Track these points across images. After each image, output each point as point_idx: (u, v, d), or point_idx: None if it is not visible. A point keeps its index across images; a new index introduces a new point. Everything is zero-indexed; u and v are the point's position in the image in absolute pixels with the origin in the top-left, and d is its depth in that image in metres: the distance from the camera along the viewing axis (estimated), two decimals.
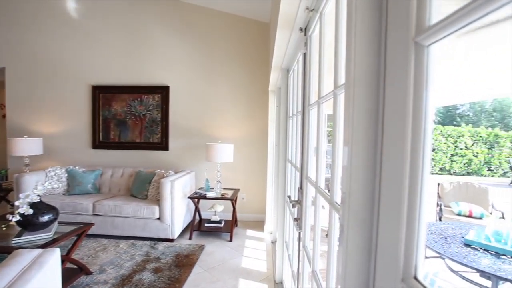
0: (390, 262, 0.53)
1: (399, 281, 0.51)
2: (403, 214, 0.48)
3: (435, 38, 0.44)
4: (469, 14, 0.37)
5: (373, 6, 0.57)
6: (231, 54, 4.21)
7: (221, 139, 4.19)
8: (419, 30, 0.46)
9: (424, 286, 0.47)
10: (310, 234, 1.49)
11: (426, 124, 0.45)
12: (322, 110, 1.11)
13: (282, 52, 1.92)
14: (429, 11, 0.46)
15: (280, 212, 2.44)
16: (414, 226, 0.48)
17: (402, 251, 0.50)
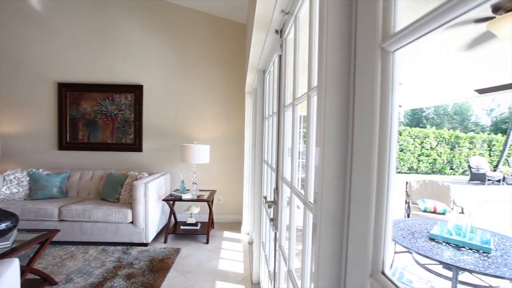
0: (359, 259, 0.55)
1: (368, 277, 0.53)
2: (372, 212, 0.51)
3: (399, 44, 0.46)
4: (429, 23, 0.39)
5: (344, 13, 0.59)
6: (207, 54, 4.17)
7: (197, 140, 4.13)
8: (385, 37, 0.48)
9: (390, 280, 0.49)
10: (286, 234, 1.51)
11: (392, 126, 0.47)
12: (297, 112, 1.13)
13: (258, 53, 1.93)
14: (394, 19, 0.48)
15: (256, 212, 2.45)
16: (381, 223, 0.50)
17: (371, 247, 0.52)
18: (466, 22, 1.93)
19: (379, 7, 0.49)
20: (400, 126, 15.96)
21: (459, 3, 0.33)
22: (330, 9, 0.60)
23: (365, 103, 0.52)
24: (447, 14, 0.36)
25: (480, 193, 8.63)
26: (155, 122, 4.16)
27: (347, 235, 0.59)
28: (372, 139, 0.49)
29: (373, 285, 0.52)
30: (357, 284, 0.57)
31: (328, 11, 0.60)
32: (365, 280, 0.54)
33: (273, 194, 1.59)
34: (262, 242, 2.44)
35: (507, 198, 8.14)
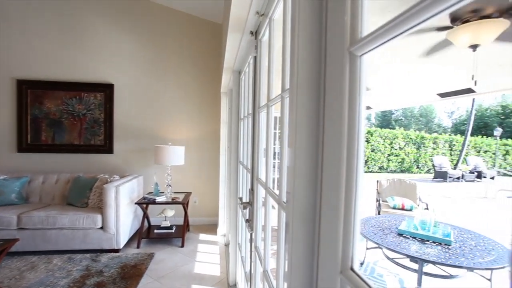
0: (330, 257, 0.57)
1: (338, 273, 0.54)
2: (341, 211, 0.52)
3: (366, 49, 0.48)
4: (391, 29, 0.41)
5: (314, 17, 0.61)
6: (182, 54, 4.08)
7: (172, 141, 4.03)
8: (352, 41, 0.50)
9: (358, 275, 0.51)
10: (261, 235, 1.52)
11: (359, 127, 0.49)
12: (271, 113, 1.14)
13: (234, 54, 1.92)
14: (361, 25, 0.50)
15: (232, 214, 2.43)
16: (350, 222, 0.52)
17: (340, 245, 0.54)
18: (428, 30, 2.06)
19: (347, 13, 0.51)
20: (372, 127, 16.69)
21: (417, 12, 0.35)
22: (301, 13, 0.61)
23: (334, 105, 0.53)
24: (407, 23, 0.38)
25: (442, 190, 9.26)
26: (127, 122, 4.00)
27: (318, 234, 0.61)
28: (341, 140, 0.50)
29: (343, 281, 0.53)
30: (328, 281, 0.58)
31: (299, 15, 0.61)
32: (335, 277, 0.55)
33: (248, 195, 1.59)
34: (238, 244, 2.43)
35: (465, 194, 8.81)
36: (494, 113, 20.93)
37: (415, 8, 0.36)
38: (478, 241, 2.61)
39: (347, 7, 0.51)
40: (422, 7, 0.35)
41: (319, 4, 0.60)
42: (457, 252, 2.36)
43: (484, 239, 2.65)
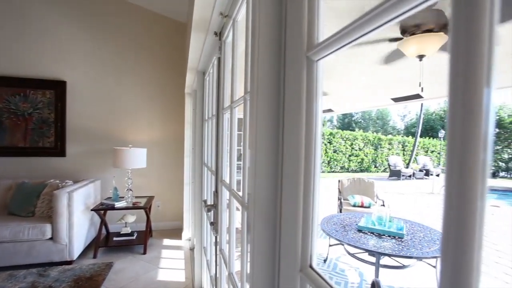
0: (290, 255, 0.58)
1: (298, 272, 0.56)
2: (300, 211, 0.53)
3: (322, 54, 0.50)
4: (344, 37, 0.43)
5: (274, 21, 0.62)
6: (145, 52, 3.90)
7: (132, 143, 3.82)
8: (309, 46, 0.52)
9: (317, 273, 0.53)
10: (226, 237, 1.50)
11: (316, 129, 0.51)
12: (235, 114, 1.13)
13: (198, 54, 1.89)
14: (317, 31, 0.52)
15: (197, 217, 2.38)
16: (308, 220, 0.53)
17: (300, 244, 0.55)
18: (382, 40, 2.23)
19: (305, 18, 0.53)
20: (334, 129, 17.50)
21: (366, 22, 0.38)
22: (261, 17, 0.62)
23: (293, 108, 0.55)
24: (358, 31, 0.40)
25: (396, 187, 10.02)
26: (82, 123, 3.71)
27: (279, 234, 0.62)
28: (300, 142, 0.52)
29: (302, 279, 0.55)
30: (289, 280, 0.59)
31: (259, 19, 0.62)
32: (295, 276, 0.57)
33: (213, 197, 1.57)
34: (203, 247, 2.38)
35: (415, 190, 9.64)
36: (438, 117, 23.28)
37: (364, 18, 0.38)
38: (425, 232, 2.87)
39: (304, 13, 0.53)
40: (370, 17, 0.37)
41: (279, 9, 0.62)
42: (409, 244, 2.57)
43: (431, 231, 2.92)
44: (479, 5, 0.22)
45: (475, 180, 0.24)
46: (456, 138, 0.24)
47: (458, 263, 0.24)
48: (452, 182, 0.25)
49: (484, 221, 0.24)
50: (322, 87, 0.53)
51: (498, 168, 15.68)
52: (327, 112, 6.48)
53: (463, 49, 0.23)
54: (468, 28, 0.23)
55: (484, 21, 0.22)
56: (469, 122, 0.24)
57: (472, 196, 0.24)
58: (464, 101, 0.24)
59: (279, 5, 0.61)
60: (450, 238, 0.25)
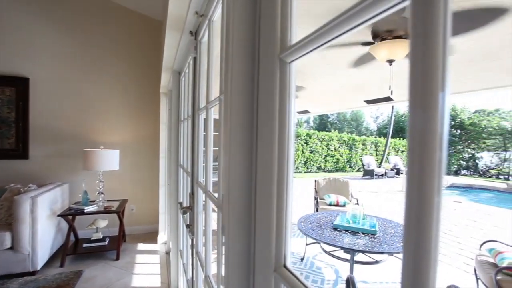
0: (265, 256, 0.58)
1: (272, 272, 0.56)
2: (273, 210, 0.54)
3: (295, 56, 0.51)
4: (315, 40, 0.44)
5: (248, 23, 0.62)
6: (119, 50, 3.75)
7: (104, 144, 3.65)
8: (282, 48, 0.52)
9: (291, 272, 0.53)
10: (203, 240, 1.48)
11: (289, 130, 0.52)
12: (211, 115, 1.12)
13: (173, 53, 1.85)
14: (290, 33, 0.53)
15: (173, 220, 2.32)
16: (282, 220, 0.54)
17: (274, 244, 0.55)
18: (355, 44, 2.31)
19: (278, 21, 0.53)
20: (310, 130, 17.87)
21: (335, 26, 0.39)
22: (235, 18, 0.62)
23: (266, 109, 0.55)
24: (329, 34, 0.41)
25: (370, 186, 10.43)
26: (48, 123, 3.48)
27: (254, 235, 0.62)
28: (273, 143, 0.52)
29: (277, 279, 0.55)
30: (264, 280, 0.59)
31: (233, 20, 0.62)
32: (270, 276, 0.57)
33: (189, 199, 1.54)
34: (180, 251, 2.33)
35: (387, 189, 10.10)
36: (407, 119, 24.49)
37: (334, 22, 0.39)
38: (396, 229, 3.01)
39: (277, 16, 0.53)
40: (340, 21, 0.38)
41: (253, 11, 0.62)
42: (381, 240, 2.68)
43: (401, 227, 3.07)
44: (434, 22, 0.24)
45: (432, 177, 0.25)
46: (415, 138, 0.26)
47: (418, 254, 0.25)
48: (413, 179, 0.26)
49: (441, 215, 0.25)
50: (295, 88, 0.54)
51: (460, 166, 16.85)
52: (303, 113, 6.61)
53: (420, 58, 0.25)
54: (424, 41, 0.25)
55: (438, 35, 0.24)
56: (426, 124, 0.25)
57: (430, 192, 0.25)
58: (422, 104, 0.25)
59: (253, 7, 0.61)
60: (411, 232, 0.26)
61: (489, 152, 16.42)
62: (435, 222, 0.25)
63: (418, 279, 0.26)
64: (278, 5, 0.53)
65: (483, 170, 16.14)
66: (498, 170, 15.56)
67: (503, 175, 15.06)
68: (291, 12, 0.52)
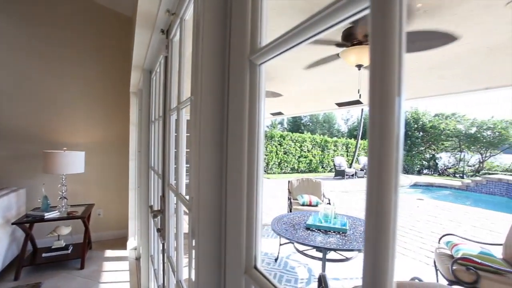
0: (236, 258, 0.58)
1: (243, 274, 0.56)
2: (243, 212, 0.54)
3: (264, 58, 0.51)
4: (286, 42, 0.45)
5: (219, 24, 0.61)
6: (85, 45, 3.53)
7: (68, 146, 3.42)
8: (252, 50, 0.53)
9: (261, 273, 0.54)
10: (174, 244, 1.44)
11: (259, 133, 0.52)
12: (183, 116, 1.10)
13: (143, 52, 1.78)
14: (260, 35, 0.53)
15: (144, 224, 2.24)
16: (252, 222, 0.54)
17: (244, 246, 0.55)
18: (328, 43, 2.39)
19: (248, 22, 0.54)
20: (284, 131, 18.15)
21: (303, 30, 0.39)
22: (206, 17, 0.61)
23: (237, 110, 0.55)
24: (297, 38, 0.42)
25: (341, 186, 10.82)
26: (0, 122, 3.19)
27: (224, 237, 0.61)
28: (243, 145, 0.52)
29: (247, 281, 0.55)
30: (234, 283, 0.59)
31: (204, 19, 0.61)
32: (240, 278, 0.57)
33: (160, 202, 1.49)
34: (150, 256, 2.25)
35: (357, 188, 10.54)
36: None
37: (302, 26, 0.40)
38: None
39: (247, 18, 0.54)
40: (307, 25, 0.39)
41: (224, 11, 0.62)
42: (351, 238, 2.79)
43: None
44: (390, 37, 0.26)
45: (390, 176, 0.26)
46: (375, 139, 0.27)
47: (377, 249, 0.27)
48: (372, 179, 0.27)
49: (398, 212, 0.27)
50: (265, 90, 0.54)
51: (422, 166, 18.05)
52: (277, 115, 6.70)
53: (379, 65, 0.27)
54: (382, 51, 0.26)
55: (394, 45, 0.26)
56: (384, 126, 0.27)
57: (388, 190, 0.26)
58: (380, 108, 0.27)
59: (224, 8, 0.61)
60: (371, 228, 0.27)
61: (447, 153, 17.80)
62: (392, 219, 0.26)
63: (378, 272, 0.27)
64: (248, 7, 0.53)
65: (442, 169, 17.45)
66: (455, 169, 16.93)
67: (458, 173, 16.41)
68: (261, 14, 0.52)
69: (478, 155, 16.31)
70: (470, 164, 16.74)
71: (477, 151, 16.19)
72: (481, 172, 14.86)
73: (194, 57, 0.80)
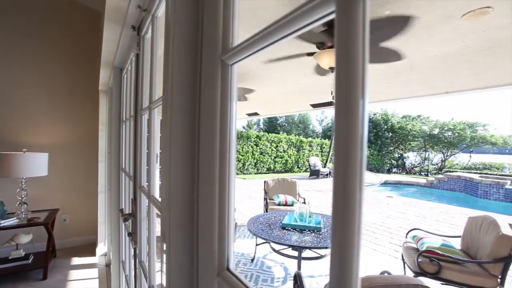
0: (208, 260, 0.57)
1: (215, 276, 0.55)
2: (215, 214, 0.53)
3: (236, 58, 0.51)
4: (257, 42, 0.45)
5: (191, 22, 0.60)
6: (49, 40, 3.30)
7: (28, 147, 3.17)
8: (224, 50, 0.52)
9: (233, 274, 0.53)
10: (147, 248, 1.39)
11: (231, 133, 0.51)
12: (155, 116, 1.06)
13: (113, 48, 1.70)
14: (232, 35, 0.53)
15: (114, 229, 2.14)
16: (224, 223, 0.53)
17: (216, 247, 0.55)
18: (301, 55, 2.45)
19: (220, 22, 0.53)
20: (260, 132, 18.26)
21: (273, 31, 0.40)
22: (177, 15, 0.60)
23: (208, 110, 0.54)
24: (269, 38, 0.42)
25: (316, 185, 11.09)
26: None
27: (196, 240, 0.60)
28: (214, 145, 0.51)
29: (220, 283, 0.54)
30: (207, 286, 0.58)
31: (175, 17, 0.59)
32: (213, 280, 0.56)
33: (131, 205, 1.43)
34: (121, 262, 2.15)
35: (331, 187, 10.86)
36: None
37: (273, 26, 0.40)
38: None
39: (219, 17, 0.53)
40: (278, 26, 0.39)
41: (196, 9, 0.60)
42: (325, 235, 2.87)
43: None
44: (354, 41, 0.27)
45: (355, 175, 0.27)
46: (340, 140, 0.28)
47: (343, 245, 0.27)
48: (338, 178, 0.28)
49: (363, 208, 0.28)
50: (237, 90, 0.54)
51: (391, 165, 19.02)
52: (253, 115, 6.72)
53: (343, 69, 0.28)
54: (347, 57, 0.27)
55: (358, 51, 0.27)
56: (349, 127, 0.27)
57: (353, 188, 0.27)
58: (345, 110, 0.28)
59: (196, 6, 0.60)
60: (337, 225, 0.28)
61: (413, 152, 18.96)
62: (357, 216, 0.27)
63: (344, 267, 0.28)
64: (220, 6, 0.53)
65: (409, 168, 18.54)
66: (420, 167, 18.07)
67: (423, 172, 17.54)
68: (233, 14, 0.52)
69: (441, 154, 17.56)
70: (433, 163, 17.99)
71: (440, 151, 17.44)
72: (443, 170, 15.99)
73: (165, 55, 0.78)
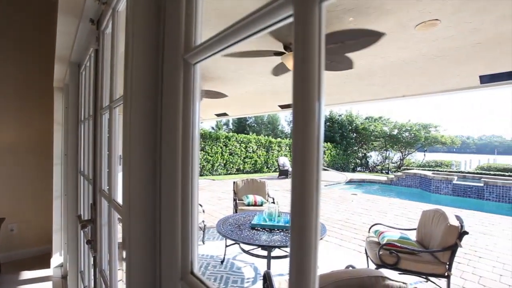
0: (171, 264, 0.55)
1: (179, 280, 0.54)
2: (178, 217, 0.52)
3: (199, 57, 0.50)
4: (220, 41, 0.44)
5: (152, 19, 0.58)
6: None
7: None
8: (187, 49, 0.51)
9: (197, 278, 0.52)
10: (108, 257, 1.31)
11: (193, 134, 0.50)
12: (116, 115, 1.01)
13: (69, 43, 1.58)
14: (195, 33, 0.52)
15: (72, 237, 1.98)
16: (187, 226, 0.52)
17: (180, 251, 0.53)
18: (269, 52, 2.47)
19: (182, 20, 0.52)
20: (230, 132, 18.18)
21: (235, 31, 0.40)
22: (138, 11, 0.57)
23: (170, 111, 0.53)
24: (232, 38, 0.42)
25: (285, 185, 11.30)
26: None
27: (159, 244, 0.58)
28: (176, 147, 0.50)
29: (184, 287, 0.53)
30: None
31: (135, 13, 0.57)
32: (177, 285, 0.54)
33: (90, 211, 1.34)
34: (80, 272, 2.01)
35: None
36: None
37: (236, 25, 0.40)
38: None
39: (182, 15, 0.52)
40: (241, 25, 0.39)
41: (157, 6, 0.58)
42: None
43: None
44: (311, 44, 0.28)
45: (312, 175, 0.28)
46: (298, 140, 0.29)
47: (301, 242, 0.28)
48: (296, 176, 0.29)
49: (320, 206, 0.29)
50: (200, 90, 0.53)
51: (356, 164, 20.05)
52: (222, 115, 6.67)
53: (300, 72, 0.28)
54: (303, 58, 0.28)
55: (314, 54, 0.28)
56: (306, 128, 0.28)
57: (310, 187, 0.28)
58: (302, 112, 0.29)
59: (157, 2, 0.58)
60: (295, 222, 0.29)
61: (375, 152, 20.20)
62: (315, 214, 0.28)
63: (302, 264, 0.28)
64: (182, 3, 0.51)
65: (372, 166, 19.70)
66: (382, 166, 19.30)
67: (384, 170, 18.76)
68: (196, 11, 0.51)
69: (399, 153, 18.94)
70: (393, 161, 19.32)
71: (399, 150, 18.81)
72: (402, 168, 17.24)
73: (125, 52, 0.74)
